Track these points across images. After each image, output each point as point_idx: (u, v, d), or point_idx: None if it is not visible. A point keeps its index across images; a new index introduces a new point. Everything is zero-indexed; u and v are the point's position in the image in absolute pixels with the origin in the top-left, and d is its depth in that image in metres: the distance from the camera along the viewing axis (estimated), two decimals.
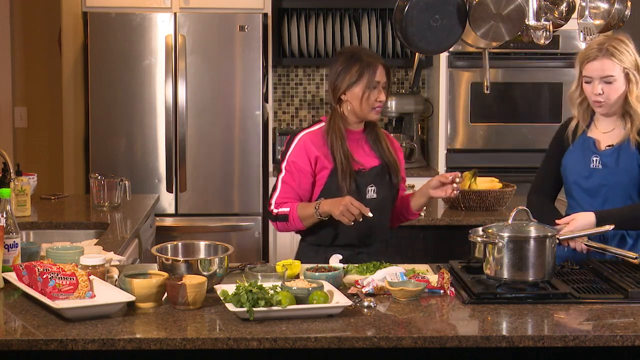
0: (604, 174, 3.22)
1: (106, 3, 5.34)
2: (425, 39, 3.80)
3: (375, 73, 3.23)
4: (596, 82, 3.16)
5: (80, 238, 3.83)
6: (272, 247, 5.46)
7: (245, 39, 5.29)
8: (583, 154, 3.27)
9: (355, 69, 3.24)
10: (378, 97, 3.24)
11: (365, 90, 3.23)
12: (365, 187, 3.27)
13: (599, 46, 3.16)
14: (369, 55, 3.29)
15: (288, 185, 3.29)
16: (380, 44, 5.78)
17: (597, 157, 3.24)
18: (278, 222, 3.29)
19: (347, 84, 3.25)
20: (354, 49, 3.45)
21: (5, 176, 3.96)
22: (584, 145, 3.28)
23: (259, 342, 2.35)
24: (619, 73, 3.15)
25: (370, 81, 3.23)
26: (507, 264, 2.76)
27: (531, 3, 3.76)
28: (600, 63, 3.15)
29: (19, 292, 2.70)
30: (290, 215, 3.24)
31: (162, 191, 5.33)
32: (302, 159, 3.28)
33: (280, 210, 3.27)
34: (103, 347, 2.32)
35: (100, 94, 5.31)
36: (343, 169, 3.24)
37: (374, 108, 3.26)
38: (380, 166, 3.32)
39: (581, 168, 3.27)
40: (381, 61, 3.27)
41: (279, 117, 6.10)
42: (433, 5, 3.77)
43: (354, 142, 3.30)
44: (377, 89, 3.24)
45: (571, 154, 3.30)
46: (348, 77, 3.25)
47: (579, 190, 3.27)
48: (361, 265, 3.00)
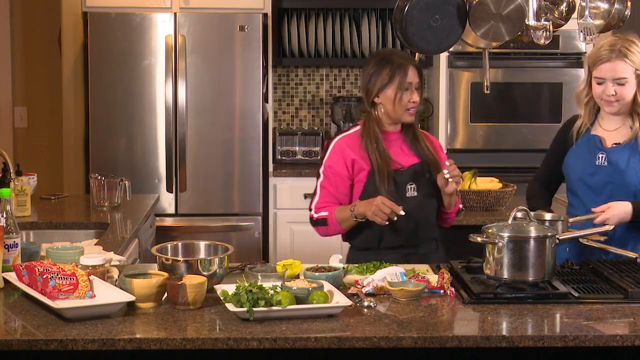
0: (609, 172, 3.24)
1: (106, 3, 5.34)
2: (425, 39, 3.80)
3: (406, 74, 3.24)
4: (609, 84, 3.19)
5: (80, 238, 3.83)
6: (272, 247, 5.46)
7: (245, 39, 5.29)
8: (589, 151, 3.29)
9: (387, 71, 3.25)
10: (411, 98, 3.25)
11: (397, 92, 3.24)
12: (405, 186, 3.28)
13: (610, 47, 3.18)
14: (400, 56, 3.30)
15: (326, 190, 3.31)
16: (380, 44, 5.78)
17: (603, 154, 3.26)
18: (318, 227, 3.32)
19: (379, 87, 3.27)
20: (385, 51, 3.44)
21: (5, 176, 3.96)
22: (589, 143, 3.30)
23: (259, 342, 2.35)
24: (630, 74, 3.18)
25: (402, 83, 3.24)
26: (507, 264, 2.76)
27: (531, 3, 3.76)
28: (613, 64, 3.17)
29: (19, 292, 2.70)
30: (329, 219, 3.27)
31: (162, 191, 5.33)
32: (339, 163, 3.29)
33: (319, 214, 3.29)
34: (103, 347, 2.32)
35: (100, 94, 5.31)
36: (380, 170, 3.25)
37: (407, 109, 3.27)
38: (419, 164, 3.33)
39: (586, 165, 3.29)
40: (413, 62, 3.29)
41: (279, 117, 6.09)
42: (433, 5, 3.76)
43: (391, 143, 3.32)
44: (409, 90, 3.25)
45: (575, 152, 3.33)
46: (380, 79, 3.26)
47: (584, 187, 3.29)
48: (361, 266, 3.01)
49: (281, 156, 5.69)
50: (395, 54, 3.32)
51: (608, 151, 3.26)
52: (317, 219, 3.31)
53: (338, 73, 6.08)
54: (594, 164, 3.27)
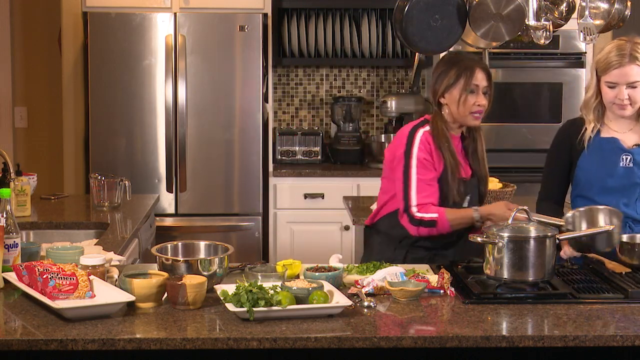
0: (637, 172, 3.23)
1: (106, 3, 5.34)
2: (425, 39, 3.80)
3: (473, 76, 3.20)
4: (622, 88, 3.18)
5: (80, 238, 3.83)
6: (272, 247, 5.46)
7: (245, 39, 5.29)
8: (607, 154, 3.26)
9: (453, 71, 3.22)
10: (477, 101, 3.21)
11: (462, 93, 3.20)
12: (464, 196, 3.28)
13: (620, 52, 3.16)
14: (469, 58, 3.27)
15: (424, 183, 3.22)
16: (380, 44, 5.79)
17: (627, 155, 3.24)
18: (421, 227, 3.22)
19: (445, 87, 3.24)
20: (455, 53, 3.41)
21: (5, 176, 3.96)
22: (604, 146, 3.27)
23: (259, 342, 2.35)
24: None
25: (468, 84, 3.20)
26: (507, 264, 2.76)
27: (531, 3, 3.76)
28: (625, 69, 3.16)
29: (19, 292, 2.70)
30: (440, 221, 3.18)
31: (162, 191, 5.33)
32: (429, 153, 3.23)
33: (426, 216, 3.20)
34: (103, 347, 2.32)
35: (100, 94, 5.31)
36: (452, 169, 3.22)
37: (472, 113, 3.22)
38: (474, 177, 3.32)
39: (607, 168, 3.26)
40: (481, 65, 3.24)
41: (279, 117, 6.10)
42: (433, 5, 3.77)
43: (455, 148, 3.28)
44: (475, 93, 3.20)
45: (588, 157, 3.28)
46: (446, 79, 3.23)
47: (603, 191, 3.25)
48: (361, 265, 3.01)
49: (281, 156, 5.70)
50: (464, 56, 3.29)
51: (633, 152, 3.24)
52: (422, 220, 3.20)
53: (338, 73, 6.08)
54: (617, 165, 3.24)
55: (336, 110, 5.92)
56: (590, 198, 3.29)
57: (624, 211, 3.23)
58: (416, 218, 3.21)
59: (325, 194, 5.42)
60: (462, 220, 3.21)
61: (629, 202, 3.24)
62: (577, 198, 3.34)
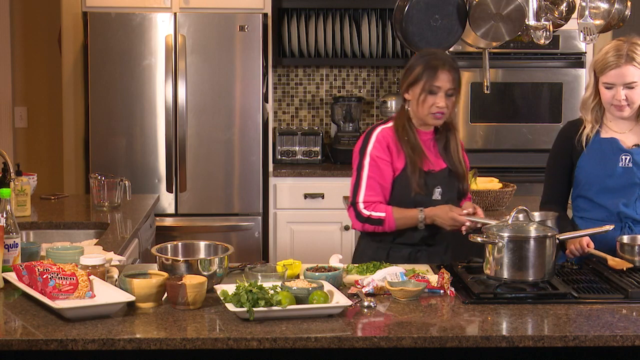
0: (636, 172, 3.23)
1: (106, 3, 5.34)
2: (425, 39, 3.81)
3: (434, 77, 3.18)
4: (619, 89, 3.18)
5: (80, 238, 3.83)
6: (272, 247, 5.46)
7: (245, 39, 5.29)
8: (607, 154, 3.26)
9: (417, 69, 3.21)
10: (436, 102, 3.19)
11: (422, 93, 3.20)
12: (433, 188, 3.27)
13: (617, 52, 3.16)
14: (437, 58, 3.22)
15: (373, 180, 3.25)
16: (380, 44, 5.79)
17: (627, 155, 3.24)
18: (367, 225, 3.25)
19: (408, 84, 3.24)
20: (429, 50, 3.38)
21: (5, 176, 3.96)
22: (603, 146, 3.27)
23: (259, 342, 2.35)
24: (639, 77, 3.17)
25: (428, 85, 3.18)
26: (507, 264, 2.76)
27: (531, 3, 3.76)
28: (622, 70, 3.16)
29: (19, 292, 2.70)
30: (386, 220, 3.22)
31: (162, 191, 5.33)
32: (384, 151, 3.25)
33: (374, 214, 3.23)
34: (103, 347, 2.33)
35: (100, 94, 5.31)
36: (412, 163, 3.23)
37: (432, 113, 3.21)
38: (447, 169, 3.30)
39: (606, 168, 3.26)
40: (448, 66, 3.19)
41: (279, 117, 6.10)
42: (433, 5, 3.77)
43: (424, 144, 3.28)
44: (437, 94, 3.19)
45: (588, 157, 3.29)
46: (410, 77, 3.23)
47: (602, 191, 3.25)
48: (361, 265, 3.01)
49: (281, 156, 5.69)
50: (434, 55, 3.24)
51: (633, 152, 3.24)
52: (369, 217, 3.24)
53: (338, 73, 6.08)
54: (616, 165, 3.25)
55: (336, 110, 5.92)
56: (590, 198, 3.29)
57: (624, 211, 3.24)
58: (363, 215, 3.25)
59: (325, 194, 5.42)
60: (407, 220, 3.23)
61: (628, 202, 3.25)
62: (578, 198, 3.34)
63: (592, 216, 3.29)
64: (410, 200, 3.25)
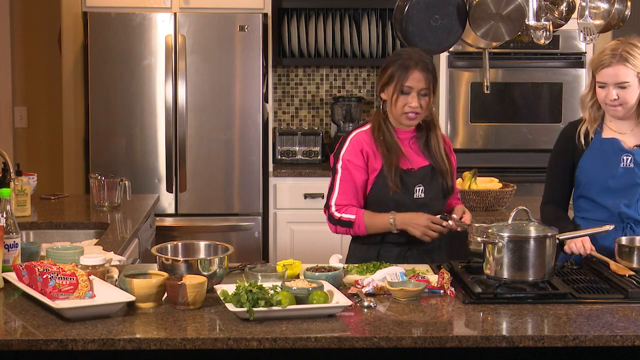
0: (637, 173, 3.23)
1: (106, 3, 5.34)
2: (425, 39, 3.80)
3: (406, 78, 3.16)
4: (611, 88, 3.18)
5: (80, 238, 3.84)
6: (272, 247, 5.46)
7: (245, 39, 5.29)
8: (608, 154, 3.26)
9: (391, 69, 3.21)
10: (408, 102, 3.17)
11: (394, 93, 3.19)
12: (413, 187, 3.25)
13: (612, 52, 3.17)
14: (411, 58, 3.20)
15: (346, 184, 3.25)
16: (380, 44, 5.78)
17: (628, 156, 3.24)
18: (339, 227, 3.26)
19: (382, 84, 3.24)
20: (406, 49, 3.34)
21: (5, 176, 3.96)
22: (605, 146, 3.27)
23: (259, 342, 2.35)
24: (633, 78, 3.17)
25: (400, 85, 3.17)
26: (507, 264, 2.76)
27: (531, 3, 3.76)
28: (614, 69, 3.16)
29: (19, 292, 2.70)
30: (356, 223, 3.22)
31: (162, 191, 5.33)
32: (357, 156, 3.25)
33: (344, 216, 3.24)
34: (103, 347, 2.33)
35: (100, 94, 5.31)
36: (388, 163, 3.21)
37: (405, 113, 3.20)
38: (429, 166, 3.28)
39: (608, 168, 3.25)
40: (421, 65, 3.17)
41: (279, 117, 6.10)
42: (433, 5, 3.77)
43: (402, 142, 3.27)
44: (409, 94, 3.17)
45: (590, 157, 3.29)
46: (384, 76, 3.23)
47: (604, 190, 3.26)
48: (361, 265, 3.01)
49: (281, 156, 5.69)
50: (408, 55, 3.22)
51: (634, 152, 3.24)
52: (340, 220, 3.24)
53: (338, 73, 6.08)
54: (617, 166, 3.24)
55: (336, 110, 5.92)
56: (591, 199, 3.29)
57: (625, 212, 3.24)
58: (335, 217, 3.26)
59: (325, 194, 5.41)
60: (378, 225, 3.21)
61: (629, 202, 3.25)
62: (579, 199, 3.34)
63: (594, 217, 3.29)
64: (390, 199, 3.24)
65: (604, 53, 3.19)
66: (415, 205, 3.23)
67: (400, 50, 3.38)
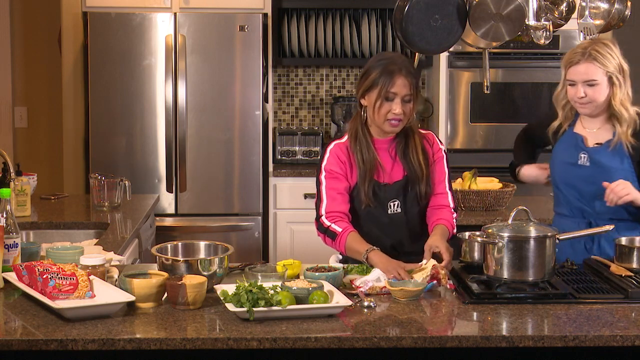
0: (591, 171, 3.27)
1: (106, 3, 5.34)
2: (425, 39, 3.80)
3: (391, 84, 3.07)
4: (579, 86, 3.23)
5: (80, 238, 3.84)
6: (272, 247, 5.46)
7: (245, 39, 5.29)
8: (571, 149, 3.32)
9: (374, 74, 3.10)
10: (392, 109, 3.08)
11: (377, 99, 3.09)
12: (388, 202, 3.17)
13: (582, 50, 3.22)
14: (394, 63, 3.10)
15: (333, 191, 3.16)
16: (380, 44, 5.78)
17: (585, 154, 3.29)
18: (325, 235, 3.15)
19: (364, 89, 3.14)
20: (385, 54, 3.24)
21: (5, 176, 3.96)
22: (571, 141, 3.33)
23: (259, 342, 2.35)
24: (602, 77, 3.20)
25: (384, 91, 3.07)
26: (507, 264, 2.76)
27: (531, 3, 3.76)
28: (583, 67, 3.20)
29: (19, 292, 2.70)
30: (340, 238, 3.10)
31: (162, 191, 5.33)
32: (337, 164, 3.17)
33: (332, 226, 3.12)
34: (103, 347, 2.33)
35: (100, 94, 5.31)
36: (362, 173, 3.15)
37: (388, 120, 3.10)
38: (404, 179, 3.18)
39: (567, 164, 3.32)
40: (405, 71, 3.09)
41: (279, 117, 6.10)
42: (433, 5, 3.76)
43: (382, 152, 3.19)
44: (393, 101, 3.08)
45: (558, 149, 3.36)
46: (367, 82, 3.12)
47: (566, 185, 3.31)
48: (361, 265, 3.01)
49: (281, 156, 5.69)
50: (391, 60, 3.13)
51: (590, 150, 3.28)
52: (328, 229, 3.13)
53: (338, 73, 6.08)
54: (576, 163, 3.30)
55: (336, 110, 5.92)
56: (560, 189, 3.38)
57: (584, 208, 3.29)
58: (324, 225, 3.15)
59: None
60: (355, 253, 3.07)
61: (586, 200, 3.28)
62: (554, 187, 3.43)
63: (560, 210, 3.38)
64: (364, 213, 3.18)
65: (574, 51, 3.25)
66: (390, 220, 3.17)
67: (381, 54, 3.28)
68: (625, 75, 3.23)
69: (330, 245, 3.19)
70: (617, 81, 3.20)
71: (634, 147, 3.22)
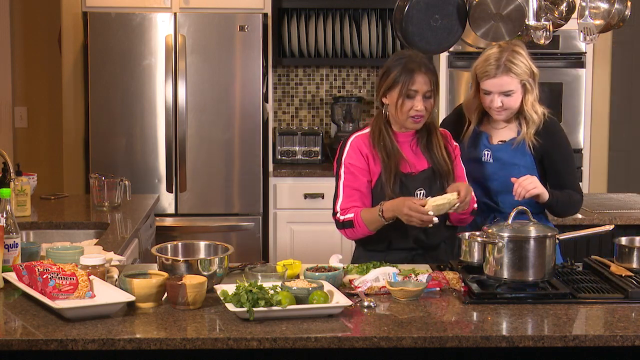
0: (494, 168, 3.34)
1: (106, 3, 5.34)
2: (425, 39, 3.80)
3: (412, 81, 3.14)
4: (496, 96, 3.26)
5: (80, 238, 3.83)
6: (272, 247, 5.46)
7: (245, 39, 5.29)
8: (476, 146, 3.38)
9: (394, 73, 3.17)
10: (414, 106, 3.15)
11: (399, 97, 3.16)
12: (414, 191, 3.22)
13: (496, 63, 3.24)
14: (413, 61, 3.18)
15: (350, 188, 3.22)
16: (380, 44, 5.78)
17: (488, 151, 3.36)
18: (345, 230, 3.22)
19: (385, 88, 3.21)
20: (404, 52, 3.31)
21: (5, 176, 3.96)
22: (476, 139, 3.39)
23: (259, 342, 2.35)
24: (517, 85, 3.26)
25: (405, 89, 3.14)
26: (507, 264, 2.76)
27: (531, 3, 3.76)
28: (499, 80, 3.24)
29: (19, 292, 2.70)
30: (355, 221, 3.18)
31: (162, 191, 5.33)
32: (358, 158, 3.22)
33: (345, 217, 3.20)
34: (103, 347, 2.33)
35: (100, 94, 5.31)
36: (386, 169, 3.19)
37: (411, 117, 3.17)
38: (430, 169, 3.25)
39: (472, 160, 3.36)
40: (424, 68, 3.16)
41: (279, 117, 6.10)
42: (433, 5, 3.77)
43: (402, 145, 3.24)
44: (414, 98, 3.14)
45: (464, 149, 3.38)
46: (387, 81, 3.19)
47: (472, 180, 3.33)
48: (361, 265, 3.01)
49: (281, 156, 5.69)
50: (410, 58, 3.20)
51: (493, 148, 3.35)
52: (343, 222, 3.21)
53: (338, 73, 6.08)
54: (480, 160, 3.36)
55: (336, 110, 5.92)
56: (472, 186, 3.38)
57: (488, 203, 3.34)
58: (340, 221, 3.24)
59: (325, 194, 5.41)
60: (373, 218, 3.15)
61: (490, 196, 3.34)
62: None
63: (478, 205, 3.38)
64: None
65: (488, 63, 3.25)
66: None
67: (399, 52, 3.36)
68: (535, 79, 3.29)
69: (353, 235, 3.25)
70: (530, 86, 3.27)
71: (535, 145, 3.30)
